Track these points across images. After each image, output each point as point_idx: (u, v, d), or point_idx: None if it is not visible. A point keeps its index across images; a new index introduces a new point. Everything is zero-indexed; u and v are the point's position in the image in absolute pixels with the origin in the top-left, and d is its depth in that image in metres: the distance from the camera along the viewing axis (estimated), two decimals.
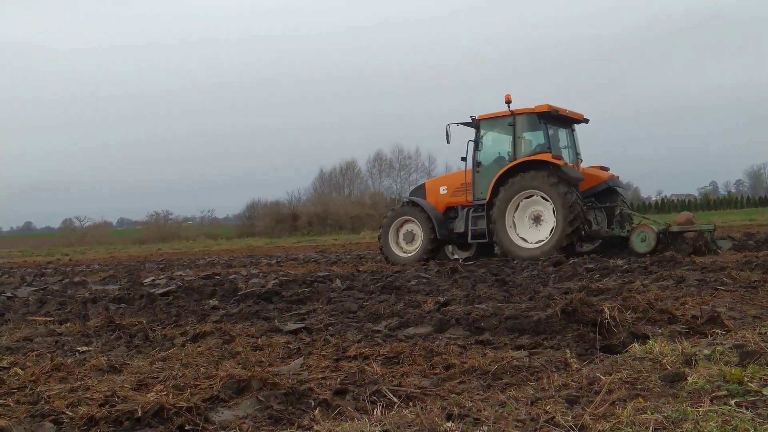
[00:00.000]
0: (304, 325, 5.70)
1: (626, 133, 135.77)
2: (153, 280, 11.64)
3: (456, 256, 15.91)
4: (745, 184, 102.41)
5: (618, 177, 15.46)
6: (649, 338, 4.39)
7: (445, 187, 15.78)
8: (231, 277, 11.60)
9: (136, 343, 5.31)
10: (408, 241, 15.73)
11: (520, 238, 14.18)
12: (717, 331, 4.65)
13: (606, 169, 15.53)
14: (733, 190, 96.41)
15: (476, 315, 5.51)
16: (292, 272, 12.80)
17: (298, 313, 6.70)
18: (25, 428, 3.06)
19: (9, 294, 9.76)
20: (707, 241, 13.14)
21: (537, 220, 14.15)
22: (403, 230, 15.86)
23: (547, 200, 13.86)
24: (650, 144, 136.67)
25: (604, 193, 15.05)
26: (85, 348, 5.17)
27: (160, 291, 8.81)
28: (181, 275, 13.08)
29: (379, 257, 16.78)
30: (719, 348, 3.93)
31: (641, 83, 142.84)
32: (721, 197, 79.34)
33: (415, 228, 15.60)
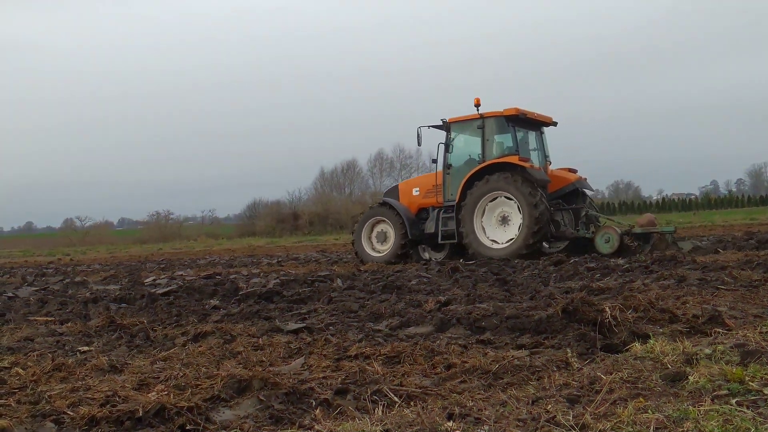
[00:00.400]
0: (305, 324, 5.69)
1: (627, 133, 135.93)
2: (154, 280, 11.63)
3: (429, 257, 16.14)
4: (745, 184, 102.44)
5: (586, 179, 15.72)
6: (650, 337, 4.39)
7: (418, 189, 16.08)
8: (232, 276, 11.60)
9: (137, 343, 5.31)
10: (380, 241, 16.01)
11: (488, 238, 14.50)
12: (718, 330, 4.64)
13: (574, 171, 15.82)
14: (734, 189, 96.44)
15: (477, 314, 5.51)
16: (293, 272, 12.79)
17: (299, 312, 6.70)
18: (26, 428, 3.06)
19: (10, 294, 9.76)
20: (668, 242, 13.48)
21: (504, 220, 14.47)
22: (376, 230, 16.14)
23: (513, 201, 14.16)
24: (651, 143, 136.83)
25: (572, 194, 15.35)
26: (86, 348, 5.18)
27: (161, 291, 8.81)
28: (182, 275, 13.08)
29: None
30: (720, 347, 3.93)
31: (641, 83, 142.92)
32: (722, 196, 79.34)
33: (388, 228, 15.87)
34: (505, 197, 14.27)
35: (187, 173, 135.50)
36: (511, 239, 14.15)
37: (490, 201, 14.47)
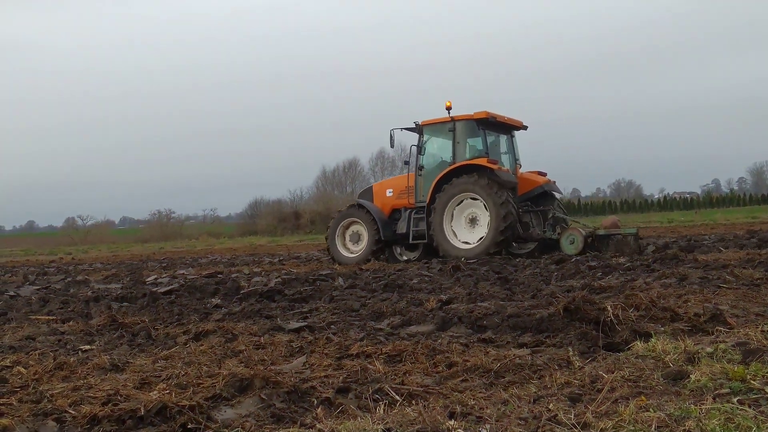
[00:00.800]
0: (306, 323, 5.69)
1: (628, 132, 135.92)
2: (155, 279, 11.64)
3: (404, 257, 16.38)
4: (747, 182, 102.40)
5: (554, 182, 16.04)
6: (651, 336, 4.38)
7: (391, 190, 16.38)
8: (233, 275, 11.60)
9: (139, 342, 5.31)
10: (354, 242, 16.27)
11: (457, 238, 14.83)
12: (719, 328, 4.64)
13: (543, 174, 16.14)
14: (735, 188, 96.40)
15: (478, 313, 5.51)
16: (295, 271, 12.80)
17: (300, 311, 6.70)
18: (28, 427, 3.06)
19: (12, 293, 9.77)
20: (630, 243, 13.92)
21: (473, 221, 14.83)
22: (349, 231, 16.40)
23: (481, 202, 14.50)
24: (652, 143, 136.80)
25: (540, 197, 15.68)
26: (87, 347, 5.18)
27: (163, 290, 8.81)
28: (183, 274, 13.08)
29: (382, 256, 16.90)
30: (722, 346, 3.93)
31: (642, 83, 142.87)
32: (724, 195, 79.34)
33: (361, 229, 16.14)
34: (474, 199, 14.65)
35: (188, 172, 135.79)
36: (480, 239, 14.49)
37: (459, 202, 14.83)
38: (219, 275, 11.72)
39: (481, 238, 14.45)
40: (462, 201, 14.77)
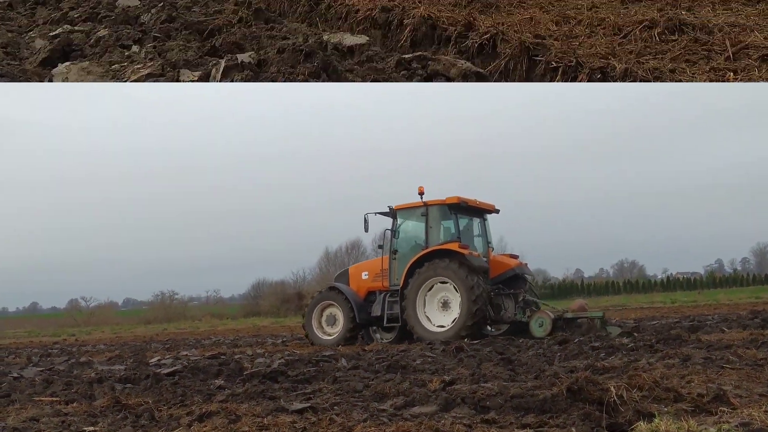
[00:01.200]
0: (309, 404, 5.68)
1: (631, 212, 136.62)
2: (159, 360, 11.60)
3: (381, 339, 16.58)
4: (750, 262, 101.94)
5: (526, 264, 16.48)
6: (655, 416, 4.39)
7: (367, 273, 16.65)
8: (236, 356, 11.57)
9: (142, 423, 5.31)
10: (330, 324, 16.41)
11: (430, 322, 15.02)
12: (723, 409, 4.65)
13: (515, 257, 16.57)
14: (738, 268, 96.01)
15: (482, 394, 5.51)
16: (298, 352, 12.77)
17: (303, 392, 6.69)
18: None
19: (15, 374, 9.74)
20: (597, 327, 14.16)
21: (445, 305, 15.04)
22: (325, 314, 16.53)
23: (452, 286, 14.76)
24: (655, 223, 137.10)
25: (512, 279, 15.90)
26: (91, 428, 5.18)
27: (166, 371, 8.79)
28: (186, 355, 13.04)
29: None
30: (725, 426, 3.95)
31: (645, 163, 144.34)
32: (727, 275, 79.07)
33: (337, 312, 16.31)
34: (445, 283, 14.89)
35: (191, 253, 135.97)
36: (451, 323, 14.66)
37: (432, 286, 15.07)
38: (222, 356, 11.70)
39: (453, 322, 14.63)
40: (434, 285, 15.02)
